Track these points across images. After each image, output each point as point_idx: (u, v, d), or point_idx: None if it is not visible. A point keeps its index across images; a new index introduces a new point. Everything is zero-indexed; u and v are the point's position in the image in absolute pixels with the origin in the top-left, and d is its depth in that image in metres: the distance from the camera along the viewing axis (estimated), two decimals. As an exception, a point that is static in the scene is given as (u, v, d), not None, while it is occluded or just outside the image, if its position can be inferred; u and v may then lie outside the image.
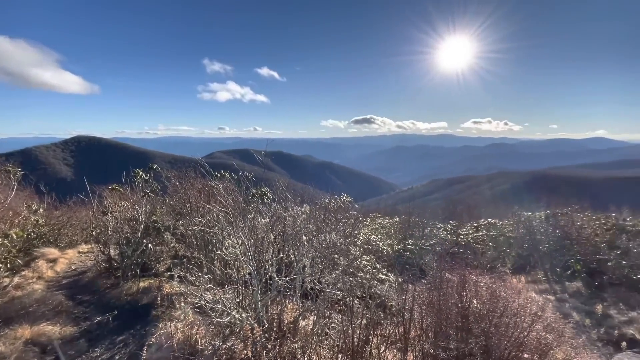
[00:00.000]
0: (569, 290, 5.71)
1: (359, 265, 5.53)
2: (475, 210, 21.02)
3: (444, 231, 9.90)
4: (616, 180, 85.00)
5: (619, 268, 5.79)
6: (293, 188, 6.93)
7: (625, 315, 4.74)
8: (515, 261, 7.43)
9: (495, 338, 2.94)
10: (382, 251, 7.13)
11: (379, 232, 11.37)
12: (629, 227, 5.90)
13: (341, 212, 6.36)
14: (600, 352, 3.72)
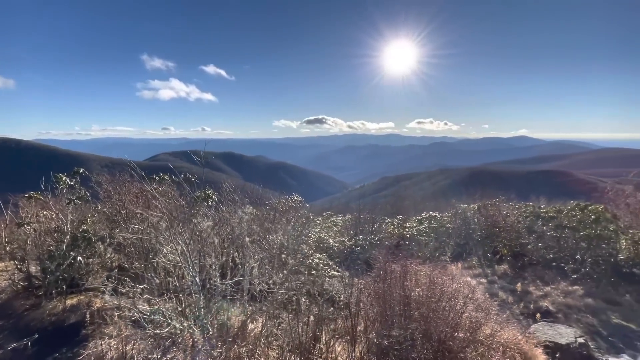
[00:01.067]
0: (498, 272, 6.37)
1: (311, 263, 5.59)
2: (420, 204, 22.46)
3: (391, 225, 10.41)
4: (535, 173, 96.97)
5: (536, 250, 6.61)
6: (244, 189, 6.76)
7: (541, 290, 5.42)
8: (454, 250, 8.10)
9: (433, 321, 3.17)
10: (333, 248, 7.27)
11: (332, 229, 11.60)
12: (543, 213, 6.77)
13: (292, 212, 6.36)
14: (521, 324, 4.21)
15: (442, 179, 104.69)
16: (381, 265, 3.80)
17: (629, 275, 5.76)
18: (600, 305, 4.81)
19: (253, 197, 6.25)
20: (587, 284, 5.41)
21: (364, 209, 14.59)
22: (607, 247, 6.17)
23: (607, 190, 6.92)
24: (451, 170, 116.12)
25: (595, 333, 4.19)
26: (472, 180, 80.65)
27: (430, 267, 3.79)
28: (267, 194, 7.53)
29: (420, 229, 8.89)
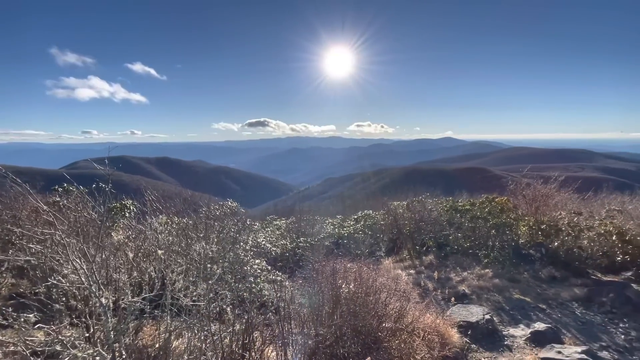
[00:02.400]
0: (425, 263, 6.94)
1: (249, 270, 5.46)
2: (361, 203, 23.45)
3: (331, 226, 10.68)
4: (459, 170, 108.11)
5: (456, 239, 7.36)
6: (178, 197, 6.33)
7: (460, 276, 6.04)
8: (387, 245, 8.62)
9: (361, 316, 3.34)
10: (272, 253, 7.20)
11: (275, 233, 11.49)
12: (460, 207, 7.57)
13: (226, 218, 6.14)
14: (441, 308, 4.64)
15: (380, 178, 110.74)
16: (312, 266, 3.88)
17: (526, 256, 6.74)
18: (505, 284, 5.53)
19: (185, 205, 5.90)
20: (495, 267, 6.18)
21: (307, 210, 14.73)
22: (511, 233, 7.14)
23: (509, 184, 8.02)
24: (388, 170, 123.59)
25: (500, 309, 4.80)
26: (407, 178, 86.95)
27: (359, 264, 3.97)
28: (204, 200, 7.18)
29: (357, 227, 9.28)
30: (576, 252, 6.59)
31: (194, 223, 5.20)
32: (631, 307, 4.65)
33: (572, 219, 6.96)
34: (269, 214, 17.24)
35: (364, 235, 9.16)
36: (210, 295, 2.72)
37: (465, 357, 3.58)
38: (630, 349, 3.83)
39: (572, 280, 5.74)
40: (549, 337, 3.76)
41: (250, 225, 7.77)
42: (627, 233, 7.32)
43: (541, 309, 4.83)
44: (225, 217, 5.93)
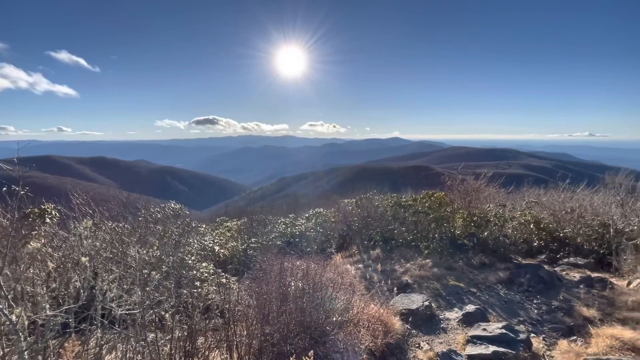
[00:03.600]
0: (372, 256, 7.26)
1: (196, 274, 5.23)
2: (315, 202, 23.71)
3: (283, 225, 10.63)
4: (405, 168, 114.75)
5: (400, 233, 7.81)
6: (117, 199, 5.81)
7: (403, 267, 6.42)
8: (338, 241, 8.85)
9: (308, 311, 3.40)
10: (219, 255, 6.97)
11: (225, 235, 11.13)
12: (404, 202, 8.04)
13: (169, 221, 5.82)
14: (385, 297, 4.90)
15: (333, 177, 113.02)
16: (260, 266, 3.85)
17: (461, 246, 7.40)
18: (443, 272, 6.01)
19: (121, 208, 5.46)
20: (434, 257, 6.69)
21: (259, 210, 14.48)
22: (448, 225, 7.77)
23: (446, 181, 8.73)
24: (340, 169, 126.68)
25: (438, 295, 5.21)
26: (357, 177, 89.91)
27: (307, 261, 4.03)
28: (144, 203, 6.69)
29: (308, 225, 9.38)
30: (501, 240, 7.41)
31: (131, 227, 4.83)
32: (543, 285, 5.37)
33: (498, 211, 7.81)
34: (219, 216, 16.63)
35: (315, 233, 9.30)
36: (146, 302, 2.55)
37: (406, 342, 3.83)
38: (541, 320, 4.43)
39: (498, 265, 6.44)
40: (478, 317, 4.18)
41: (196, 227, 7.44)
42: (542, 222, 8.41)
43: (472, 293, 5.35)
44: (167, 220, 5.61)
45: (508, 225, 8.12)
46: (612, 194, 8.94)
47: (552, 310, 4.66)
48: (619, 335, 3.54)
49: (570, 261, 7.10)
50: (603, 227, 7.63)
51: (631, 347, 3.40)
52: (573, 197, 9.96)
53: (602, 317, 4.27)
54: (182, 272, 5.00)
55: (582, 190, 10.35)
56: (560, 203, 9.62)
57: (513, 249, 7.76)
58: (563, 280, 5.61)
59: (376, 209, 8.38)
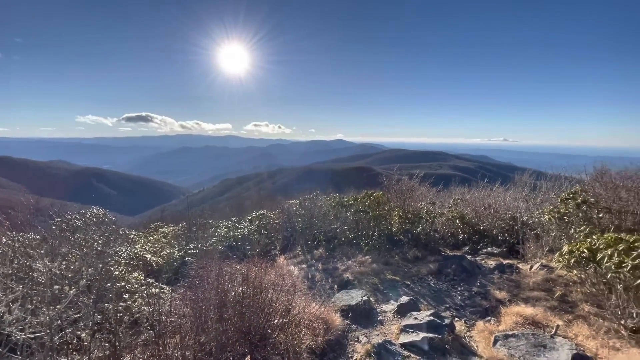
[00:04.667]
0: (316, 256, 7.38)
1: (124, 286, 4.76)
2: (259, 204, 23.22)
3: (225, 228, 10.24)
4: (349, 169, 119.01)
5: (343, 232, 8.07)
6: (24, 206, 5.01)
7: (345, 265, 6.64)
8: (282, 243, 8.82)
9: (248, 316, 3.33)
10: (152, 263, 6.47)
11: (160, 242, 10.34)
12: (345, 202, 8.32)
13: (91, 229, 5.22)
14: (327, 295, 5.02)
15: (279, 178, 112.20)
16: (196, 272, 3.66)
17: (398, 242, 7.91)
18: (381, 268, 6.36)
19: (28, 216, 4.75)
20: (373, 254, 7.04)
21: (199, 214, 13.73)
22: (386, 222, 8.25)
23: (384, 181, 9.26)
24: (287, 170, 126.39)
25: (376, 289, 5.49)
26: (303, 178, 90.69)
27: (248, 265, 3.95)
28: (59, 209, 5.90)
29: (251, 228, 9.17)
30: (432, 234, 8.11)
31: (42, 237, 4.24)
32: (466, 274, 6.00)
33: (429, 208, 8.53)
34: (155, 221, 15.42)
35: (259, 235, 9.13)
36: (56, 323, 2.25)
37: (346, 337, 3.97)
38: (464, 305, 4.95)
39: (429, 258, 7.02)
40: (410, 307, 4.52)
41: (125, 235, 6.80)
42: (465, 217, 9.38)
43: (407, 285, 5.76)
44: (89, 228, 5.03)
45: (438, 221, 8.92)
46: (519, 191, 10.38)
47: (472, 295, 5.24)
48: (522, 312, 4.12)
49: (488, 251, 8.05)
50: (512, 220, 8.79)
51: (531, 322, 3.99)
52: (490, 195, 11.32)
53: (511, 297, 4.93)
54: (106, 285, 4.52)
55: (497, 189, 11.83)
56: (480, 200, 10.86)
57: (442, 243, 8.54)
58: (482, 268, 6.34)
59: (320, 209, 8.54)
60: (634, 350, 3.21)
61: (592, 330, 3.65)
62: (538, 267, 6.00)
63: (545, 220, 6.11)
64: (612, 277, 3.40)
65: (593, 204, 4.93)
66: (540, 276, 5.50)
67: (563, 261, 3.96)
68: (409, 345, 3.60)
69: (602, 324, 3.78)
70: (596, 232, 4.22)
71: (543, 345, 3.27)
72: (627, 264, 3.16)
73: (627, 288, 3.35)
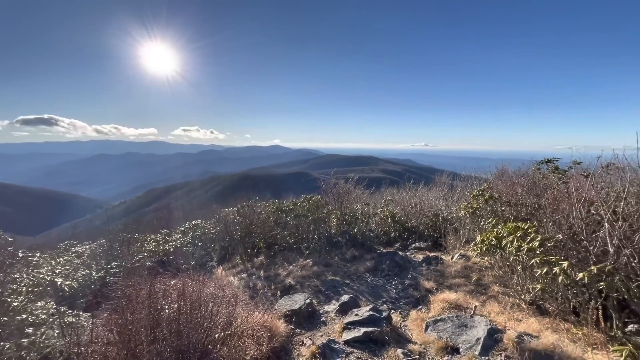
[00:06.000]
0: (256, 264, 7.21)
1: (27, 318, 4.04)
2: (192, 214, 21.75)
3: (154, 242, 9.38)
4: (287, 175, 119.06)
5: (283, 237, 8.05)
6: None
7: (287, 270, 6.62)
8: (220, 253, 8.41)
9: (186, 333, 3.11)
10: (63, 288, 5.62)
11: (74, 263, 9.01)
12: (285, 207, 8.33)
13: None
14: (270, 302, 4.96)
15: (213, 185, 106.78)
16: (122, 292, 3.29)
17: (337, 243, 8.18)
18: (322, 270, 6.50)
19: None
20: (314, 256, 7.16)
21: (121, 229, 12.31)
22: (325, 225, 8.47)
23: (321, 185, 9.52)
24: (221, 177, 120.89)
25: (318, 291, 5.60)
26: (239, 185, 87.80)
27: (184, 280, 3.68)
28: None
29: (184, 240, 8.57)
30: (367, 234, 8.58)
31: None
32: (399, 269, 6.49)
33: (364, 209, 9.01)
34: (65, 240, 13.37)
35: (194, 247, 8.57)
36: None
37: (291, 342, 3.97)
38: (398, 298, 5.35)
39: (365, 257, 7.41)
40: (351, 305, 4.71)
41: (26, 257, 5.80)
42: (396, 216, 10.13)
43: (347, 284, 5.99)
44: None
45: (372, 220, 9.48)
46: (439, 190, 11.63)
47: (405, 287, 5.69)
48: (447, 298, 4.63)
49: (416, 246, 8.83)
50: (435, 217, 9.79)
51: (455, 306, 4.50)
52: (415, 195, 12.44)
53: (437, 286, 5.49)
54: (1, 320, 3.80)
55: (421, 189, 13.05)
56: (407, 200, 11.86)
57: (377, 241, 9.08)
58: (412, 262, 6.93)
59: (259, 216, 8.38)
60: (531, 319, 3.85)
61: (501, 307, 4.27)
62: (458, 257, 6.79)
63: (461, 215, 6.94)
64: (513, 259, 4.04)
65: (497, 199, 5.78)
66: (459, 265, 6.23)
67: (477, 250, 4.56)
68: (352, 341, 3.76)
69: (508, 300, 4.45)
70: (500, 223, 4.95)
71: (465, 325, 3.71)
72: (523, 247, 3.78)
73: (524, 268, 4.00)
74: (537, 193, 5.50)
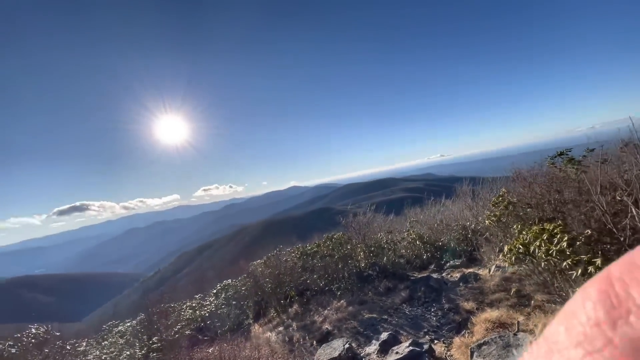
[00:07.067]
0: (291, 314, 7.13)
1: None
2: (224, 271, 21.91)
3: (189, 309, 9.50)
4: (309, 213, 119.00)
5: (313, 281, 7.98)
6: None
7: (322, 315, 6.51)
8: (254, 309, 8.38)
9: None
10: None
11: (118, 344, 9.20)
12: (309, 250, 8.35)
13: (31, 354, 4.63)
14: (309, 353, 4.85)
15: (241, 238, 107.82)
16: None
17: (368, 277, 8.01)
18: (357, 309, 6.34)
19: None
20: (347, 296, 7.03)
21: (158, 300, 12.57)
22: (352, 261, 8.37)
23: (341, 220, 9.54)
24: (247, 228, 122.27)
25: (356, 333, 5.44)
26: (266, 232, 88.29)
27: (220, 345, 3.74)
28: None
29: (218, 302, 8.63)
30: (397, 261, 8.38)
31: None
32: (435, 293, 6.25)
33: (387, 237, 8.89)
34: (107, 320, 13.71)
35: (228, 308, 8.60)
36: None
37: (336, 393, 3.84)
38: (440, 325, 5.11)
39: (399, 286, 7.19)
40: (391, 342, 4.55)
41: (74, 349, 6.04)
42: (424, 237, 9.90)
43: (384, 320, 5.79)
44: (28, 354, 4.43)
45: (400, 246, 9.28)
46: (463, 201, 11.34)
47: (445, 313, 5.44)
48: (489, 317, 4.40)
49: (451, 264, 8.50)
50: (464, 230, 9.49)
51: (499, 324, 4.26)
52: (440, 210, 12.17)
53: (478, 305, 5.23)
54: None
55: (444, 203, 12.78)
56: (432, 217, 11.60)
57: (410, 267, 8.83)
58: (448, 283, 6.66)
59: (286, 264, 8.41)
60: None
61: (547, 317, 4.01)
62: (494, 269, 6.49)
63: (487, 225, 6.74)
64: (545, 264, 3.87)
65: (516, 203, 5.64)
66: (497, 278, 5.94)
67: (508, 260, 4.40)
68: (397, 382, 3.60)
69: (554, 307, 4.19)
70: (526, 227, 4.80)
71: (509, 344, 3.51)
72: (552, 250, 3.64)
73: (560, 271, 3.82)
74: (556, 189, 5.34)
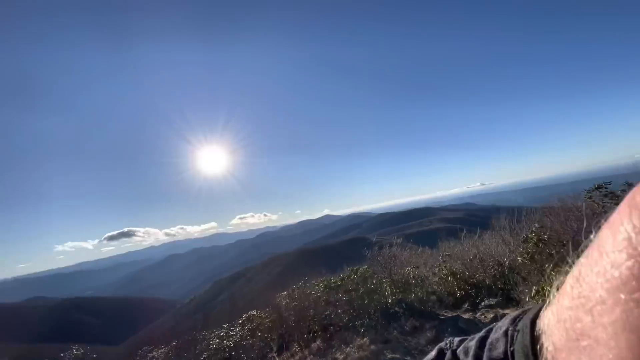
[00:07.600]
0: (313, 350, 7.00)
1: None
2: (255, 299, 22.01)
3: (217, 339, 9.65)
4: (342, 242, 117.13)
5: (337, 316, 7.83)
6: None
7: (344, 353, 6.34)
8: (278, 342, 8.32)
9: None
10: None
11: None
12: (333, 284, 8.29)
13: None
14: (327, 396, 4.72)
15: (273, 266, 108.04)
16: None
17: (394, 314, 7.71)
18: (379, 347, 6.11)
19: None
20: (371, 333, 6.80)
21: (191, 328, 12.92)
22: (378, 296, 8.14)
23: (366, 253, 9.42)
24: (279, 257, 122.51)
25: (378, 374, 5.22)
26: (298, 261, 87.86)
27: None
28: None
29: (243, 333, 8.71)
30: (425, 299, 8.00)
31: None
32: (463, 335, 5.86)
33: (415, 272, 8.58)
34: (143, 346, 14.25)
35: (253, 339, 8.63)
36: None
37: None
38: (467, 372, 4.76)
39: (426, 326, 6.82)
40: (412, 387, 4.32)
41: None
42: (457, 272, 9.41)
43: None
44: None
45: (430, 281, 8.88)
46: (498, 235, 10.70)
47: (474, 358, 5.08)
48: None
49: (486, 303, 7.94)
50: (499, 266, 8.90)
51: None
52: (474, 244, 11.55)
53: (510, 352, 4.83)
54: None
55: (479, 236, 12.12)
56: (466, 252, 11.02)
57: (441, 304, 8.37)
58: (479, 325, 6.23)
59: (310, 297, 8.38)
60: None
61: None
62: (530, 311, 6.00)
63: (521, 263, 6.33)
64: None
65: (547, 240, 5.30)
66: (533, 321, 5.48)
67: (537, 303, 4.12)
68: None
69: None
70: (560, 267, 4.49)
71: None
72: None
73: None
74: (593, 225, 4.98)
